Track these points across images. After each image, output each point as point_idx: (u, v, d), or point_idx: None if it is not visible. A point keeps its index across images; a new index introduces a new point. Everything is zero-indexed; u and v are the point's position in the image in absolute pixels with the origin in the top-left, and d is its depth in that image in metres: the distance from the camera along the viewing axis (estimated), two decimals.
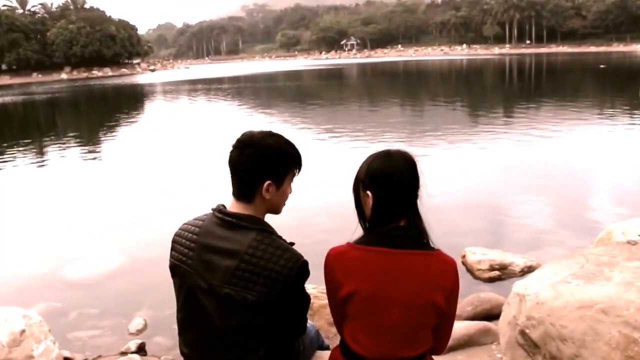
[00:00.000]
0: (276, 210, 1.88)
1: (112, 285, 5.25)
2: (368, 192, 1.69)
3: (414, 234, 1.69)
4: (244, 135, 1.83)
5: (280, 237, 1.80)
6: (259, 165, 1.77)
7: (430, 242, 1.72)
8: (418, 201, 1.73)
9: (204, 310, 1.78)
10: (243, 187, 1.81)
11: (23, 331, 3.57)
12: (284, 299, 1.72)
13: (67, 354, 3.90)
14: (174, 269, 1.88)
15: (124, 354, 3.98)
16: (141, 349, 4.03)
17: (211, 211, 1.87)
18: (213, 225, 1.81)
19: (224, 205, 1.86)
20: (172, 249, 1.90)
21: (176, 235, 1.90)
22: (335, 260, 1.71)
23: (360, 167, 1.77)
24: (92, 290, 5.14)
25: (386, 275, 1.63)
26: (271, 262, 1.69)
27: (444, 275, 1.65)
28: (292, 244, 1.81)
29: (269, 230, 1.79)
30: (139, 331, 4.28)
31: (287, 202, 1.91)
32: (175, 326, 1.98)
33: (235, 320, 1.74)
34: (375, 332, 1.65)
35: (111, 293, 5.07)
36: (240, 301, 1.70)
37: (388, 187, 1.67)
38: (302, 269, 1.73)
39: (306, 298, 1.85)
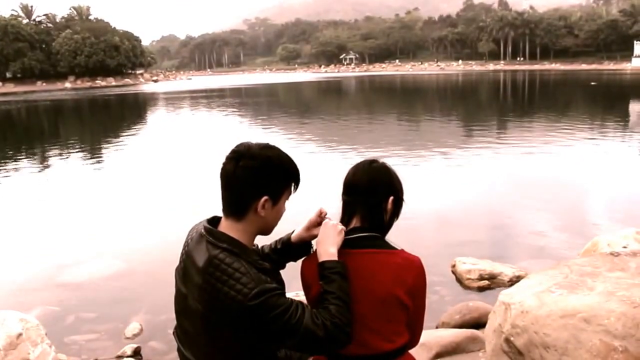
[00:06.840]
0: (268, 230, 1.74)
1: (110, 290, 5.31)
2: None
3: (373, 236, 1.79)
4: (240, 146, 1.67)
5: (254, 260, 1.64)
6: (257, 178, 1.62)
7: (392, 244, 1.80)
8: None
9: (188, 307, 1.69)
10: (236, 201, 1.66)
11: (20, 334, 3.62)
12: (247, 327, 1.56)
13: (63, 357, 3.96)
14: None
15: (119, 357, 4.05)
16: (137, 353, 4.10)
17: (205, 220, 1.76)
18: (198, 235, 1.71)
19: (217, 217, 1.75)
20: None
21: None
22: (304, 266, 1.84)
23: None
24: (90, 295, 5.19)
25: (348, 273, 1.72)
26: (227, 285, 1.54)
27: (403, 270, 1.72)
28: (268, 266, 1.68)
29: (234, 251, 1.62)
30: (135, 335, 4.34)
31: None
32: (171, 331, 2.00)
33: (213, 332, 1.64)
34: None
35: (108, 298, 5.12)
36: (209, 319, 1.62)
37: (348, 193, 1.84)
38: (257, 296, 1.52)
39: (279, 328, 1.56)
